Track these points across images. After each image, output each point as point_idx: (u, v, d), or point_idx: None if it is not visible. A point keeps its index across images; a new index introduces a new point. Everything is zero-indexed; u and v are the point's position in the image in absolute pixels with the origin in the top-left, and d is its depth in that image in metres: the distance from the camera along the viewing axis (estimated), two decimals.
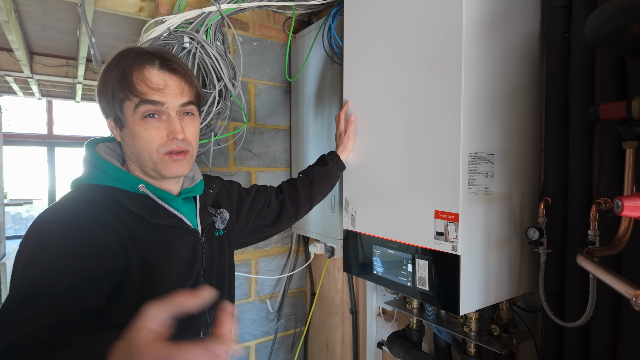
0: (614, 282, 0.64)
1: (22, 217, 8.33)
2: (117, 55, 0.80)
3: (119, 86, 0.75)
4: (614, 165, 0.86)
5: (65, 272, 0.61)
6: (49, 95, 4.91)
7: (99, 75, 0.80)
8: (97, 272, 0.65)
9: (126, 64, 0.76)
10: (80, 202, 0.72)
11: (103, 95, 0.78)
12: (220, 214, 0.93)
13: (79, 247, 0.65)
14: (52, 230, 0.66)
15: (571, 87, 0.95)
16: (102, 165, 0.78)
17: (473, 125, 0.92)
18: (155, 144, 0.76)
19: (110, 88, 0.76)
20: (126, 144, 0.80)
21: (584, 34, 0.74)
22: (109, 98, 0.77)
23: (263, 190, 1.15)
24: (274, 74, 1.83)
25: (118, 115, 0.78)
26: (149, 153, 0.77)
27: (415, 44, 1.01)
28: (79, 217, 0.68)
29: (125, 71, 0.75)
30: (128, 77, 0.75)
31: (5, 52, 3.44)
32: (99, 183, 0.76)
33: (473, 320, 1.09)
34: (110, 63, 0.79)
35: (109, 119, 0.80)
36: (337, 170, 1.24)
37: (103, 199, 0.74)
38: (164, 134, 0.77)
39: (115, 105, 0.77)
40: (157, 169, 0.78)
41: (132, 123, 0.76)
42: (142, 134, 0.76)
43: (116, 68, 0.77)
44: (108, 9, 1.74)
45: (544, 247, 0.95)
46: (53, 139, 7.60)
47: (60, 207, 0.71)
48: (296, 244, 1.95)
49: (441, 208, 0.94)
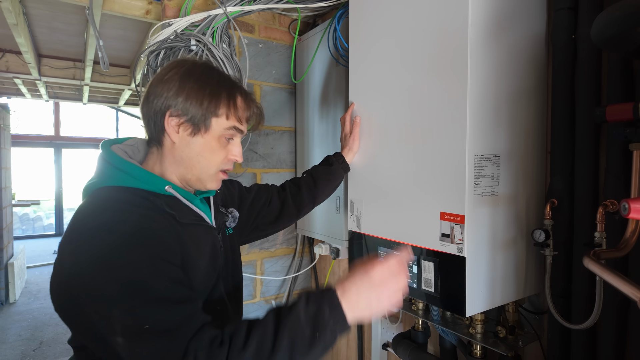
0: (621, 284, 0.64)
1: (29, 217, 8.41)
2: (212, 67, 0.84)
3: (224, 103, 0.80)
4: (620, 167, 0.86)
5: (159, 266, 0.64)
6: (56, 97, 4.96)
7: (183, 75, 0.78)
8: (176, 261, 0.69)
9: (234, 88, 0.82)
10: (123, 204, 0.71)
11: (195, 98, 0.77)
12: (231, 213, 0.96)
13: (156, 242, 0.67)
14: (122, 230, 0.65)
15: (577, 89, 0.95)
16: (127, 167, 0.76)
17: (479, 127, 0.92)
18: (219, 161, 0.82)
19: (212, 98, 0.78)
20: (187, 148, 0.79)
21: (591, 35, 0.74)
22: (203, 104, 0.77)
23: (264, 189, 1.16)
24: (280, 75, 1.84)
25: (201, 122, 0.78)
26: (208, 167, 0.81)
27: (421, 46, 1.01)
28: (140, 214, 0.69)
29: (235, 95, 0.82)
30: (238, 102, 0.82)
31: (14, 55, 3.48)
32: (124, 185, 0.75)
33: (479, 322, 1.08)
34: (208, 70, 0.82)
35: (178, 117, 0.77)
36: (342, 171, 1.24)
37: (136, 200, 0.73)
38: (228, 154, 0.83)
39: (207, 114, 0.78)
40: (205, 181, 0.82)
41: (212, 136, 0.80)
42: (215, 149, 0.81)
43: (221, 84, 0.81)
44: (115, 12, 1.76)
45: (550, 249, 0.95)
46: (60, 141, 7.67)
47: (109, 210, 0.69)
48: (301, 245, 1.95)
49: (447, 210, 0.94)
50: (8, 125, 4.60)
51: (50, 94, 4.81)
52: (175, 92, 0.77)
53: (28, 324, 3.81)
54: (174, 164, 0.81)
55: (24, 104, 7.06)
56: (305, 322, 0.61)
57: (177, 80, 0.78)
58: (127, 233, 0.65)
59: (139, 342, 0.58)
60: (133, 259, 0.62)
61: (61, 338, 3.52)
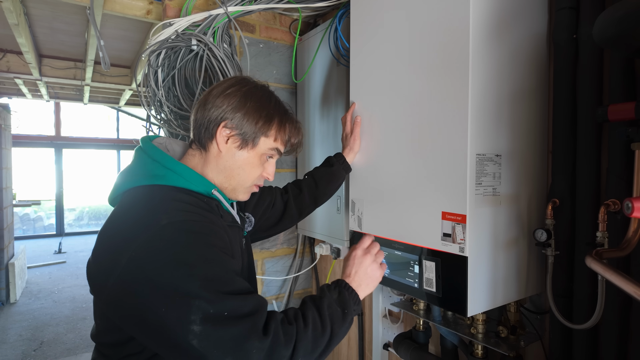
0: (623, 283, 0.63)
1: (30, 217, 8.42)
2: (269, 91, 0.90)
3: (276, 128, 0.86)
4: (622, 167, 0.86)
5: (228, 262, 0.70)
6: (57, 97, 4.97)
7: (246, 93, 0.84)
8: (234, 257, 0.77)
9: (285, 111, 0.90)
10: (186, 204, 0.74)
11: (253, 115, 0.83)
12: (248, 218, 1.03)
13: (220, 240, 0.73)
14: (194, 229, 0.69)
15: (579, 88, 0.95)
16: (178, 168, 0.80)
17: (480, 127, 0.92)
18: (255, 177, 0.88)
19: (267, 120, 0.84)
20: (231, 159, 0.84)
21: (593, 35, 0.74)
22: (257, 123, 0.83)
23: (268, 191, 1.17)
24: (280, 75, 1.84)
25: (251, 139, 0.84)
26: (246, 180, 0.87)
27: (422, 45, 1.01)
28: (198, 214, 0.73)
29: (285, 119, 0.89)
30: (286, 129, 0.89)
31: (15, 55, 3.48)
32: (175, 185, 0.78)
33: (480, 321, 1.08)
34: (268, 95, 0.88)
35: (231, 130, 0.82)
36: (343, 171, 1.24)
37: (194, 201, 0.76)
38: (262, 172, 0.89)
39: (258, 133, 0.84)
40: (237, 192, 0.88)
41: (256, 153, 0.86)
42: (256, 166, 0.86)
43: (278, 109, 0.88)
44: (116, 12, 1.76)
45: (551, 249, 0.95)
46: (61, 141, 7.68)
47: (175, 209, 0.71)
48: (302, 245, 1.95)
49: (448, 209, 0.94)
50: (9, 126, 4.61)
51: (51, 94, 4.81)
52: (235, 107, 0.83)
53: (29, 324, 3.82)
54: (215, 171, 0.85)
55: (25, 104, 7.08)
56: (337, 303, 0.77)
57: (239, 97, 0.83)
58: (198, 232, 0.69)
59: (220, 328, 0.61)
60: (209, 257, 0.67)
61: (61, 338, 3.53)
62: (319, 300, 0.76)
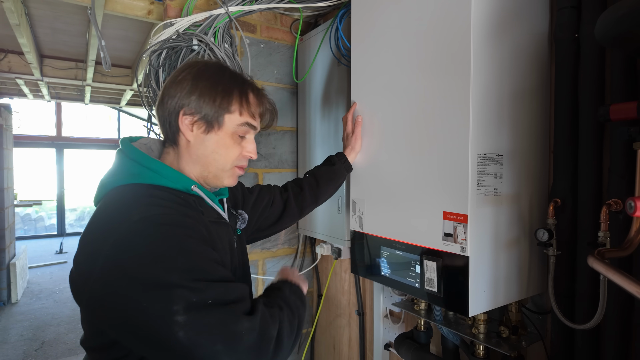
0: (626, 283, 0.63)
1: (31, 218, 8.42)
2: (223, 66, 0.86)
3: (237, 100, 0.81)
4: (624, 166, 0.85)
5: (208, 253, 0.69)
6: (58, 97, 4.97)
7: (195, 75, 0.81)
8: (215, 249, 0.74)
9: (245, 84, 0.84)
10: (160, 200, 0.72)
11: (208, 95, 0.79)
12: (240, 215, 0.99)
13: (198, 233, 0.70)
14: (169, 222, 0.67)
15: (581, 88, 0.94)
16: (155, 166, 0.77)
17: (482, 126, 0.92)
18: (234, 158, 0.84)
19: (225, 95, 0.80)
20: (201, 146, 0.81)
21: (595, 34, 0.73)
22: (215, 102, 0.79)
23: (266, 190, 1.16)
24: (281, 75, 1.84)
25: (215, 120, 0.80)
26: (224, 163, 0.83)
27: (424, 45, 1.01)
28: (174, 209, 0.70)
29: (247, 91, 0.83)
30: (250, 98, 0.83)
31: (16, 55, 3.48)
32: (152, 183, 0.75)
33: (481, 322, 1.08)
34: (219, 70, 0.84)
35: (191, 115, 0.79)
36: (344, 170, 1.24)
37: (170, 197, 0.74)
38: (242, 151, 0.85)
39: (220, 111, 0.80)
40: (221, 177, 0.84)
41: (225, 133, 0.82)
42: (230, 146, 0.83)
43: (233, 81, 0.83)
44: (117, 12, 1.77)
45: (553, 249, 0.95)
46: (62, 141, 7.68)
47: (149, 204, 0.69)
48: (303, 245, 1.95)
49: (450, 209, 0.94)
50: (10, 126, 4.62)
51: (52, 95, 4.82)
52: (188, 91, 0.79)
53: (30, 324, 3.82)
54: (191, 163, 0.82)
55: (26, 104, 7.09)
56: (289, 293, 0.81)
57: (189, 80, 0.80)
58: (172, 224, 0.67)
59: (204, 315, 0.60)
60: (186, 247, 0.65)
61: (63, 338, 3.53)
62: (277, 292, 0.81)
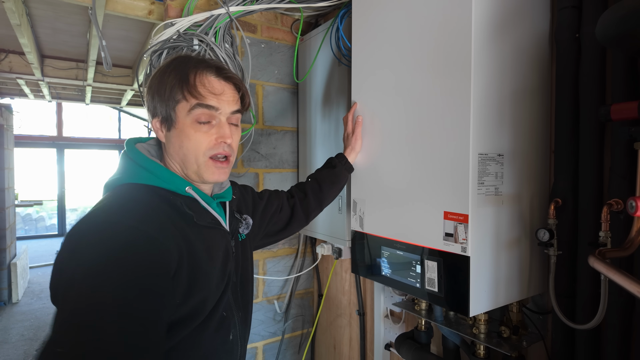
0: (627, 283, 0.63)
1: (32, 217, 8.43)
2: (175, 59, 0.83)
3: (178, 87, 0.78)
4: (625, 166, 0.85)
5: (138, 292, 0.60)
6: (58, 97, 4.97)
7: (151, 77, 0.82)
8: (166, 287, 0.64)
9: (187, 68, 0.79)
10: (135, 203, 0.70)
11: (158, 94, 0.79)
12: (245, 220, 0.96)
13: (145, 257, 0.63)
14: (115, 234, 0.62)
15: (582, 88, 0.94)
16: (150, 166, 0.77)
17: (482, 126, 0.92)
18: (204, 147, 0.79)
19: (168, 88, 0.78)
20: (172, 144, 0.80)
21: (596, 34, 0.73)
22: (164, 98, 0.78)
23: (275, 195, 1.16)
24: (282, 75, 1.84)
25: (170, 115, 0.79)
26: (196, 155, 0.79)
27: (424, 45, 1.01)
28: (139, 221, 0.66)
29: (187, 74, 0.78)
30: (190, 80, 0.78)
31: (17, 55, 3.49)
32: (146, 183, 0.76)
33: (482, 322, 1.08)
34: (168, 65, 0.82)
35: (156, 118, 0.81)
36: (346, 172, 1.24)
37: (154, 199, 0.73)
38: (213, 137, 0.80)
39: (169, 105, 0.78)
40: (200, 172, 0.80)
41: (183, 124, 0.78)
42: (192, 136, 0.78)
43: (176, 71, 0.79)
44: (118, 12, 1.77)
45: (554, 249, 0.95)
46: (63, 141, 7.69)
47: (117, 208, 0.68)
48: (303, 245, 1.95)
49: (450, 209, 0.94)
50: (11, 126, 4.62)
51: (53, 95, 4.82)
52: (151, 95, 0.81)
53: (31, 323, 3.82)
54: (172, 162, 0.82)
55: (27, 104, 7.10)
56: None
57: (151, 83, 0.81)
58: (126, 243, 0.62)
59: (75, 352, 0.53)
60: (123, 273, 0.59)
61: None
62: None
